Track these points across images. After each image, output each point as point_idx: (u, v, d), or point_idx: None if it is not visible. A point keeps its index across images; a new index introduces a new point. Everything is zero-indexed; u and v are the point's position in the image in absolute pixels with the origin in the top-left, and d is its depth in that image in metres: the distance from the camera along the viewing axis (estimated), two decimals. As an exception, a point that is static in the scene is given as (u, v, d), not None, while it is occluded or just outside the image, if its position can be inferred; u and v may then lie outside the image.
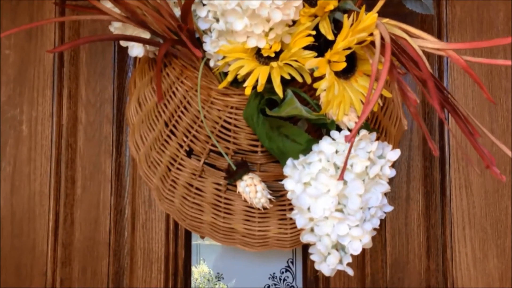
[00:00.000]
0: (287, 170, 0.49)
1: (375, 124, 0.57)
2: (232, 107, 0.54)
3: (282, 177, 0.51)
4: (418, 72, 0.40)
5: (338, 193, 0.44)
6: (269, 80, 0.48)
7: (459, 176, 0.69)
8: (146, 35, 0.53)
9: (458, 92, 0.68)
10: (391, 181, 0.48)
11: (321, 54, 0.50)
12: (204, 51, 0.52)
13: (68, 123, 0.75)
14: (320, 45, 0.50)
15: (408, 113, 0.65)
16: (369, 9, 0.48)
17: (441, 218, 0.70)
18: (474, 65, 0.65)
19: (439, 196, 0.71)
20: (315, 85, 0.45)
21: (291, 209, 0.53)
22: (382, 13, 0.46)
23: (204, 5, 0.50)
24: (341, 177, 0.37)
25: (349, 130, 0.48)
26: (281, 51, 0.49)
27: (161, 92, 0.49)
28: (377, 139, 0.57)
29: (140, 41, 0.52)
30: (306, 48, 0.48)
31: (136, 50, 0.54)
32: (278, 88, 0.48)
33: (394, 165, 0.49)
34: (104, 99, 0.75)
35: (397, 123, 0.60)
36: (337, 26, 0.49)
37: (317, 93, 0.45)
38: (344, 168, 0.37)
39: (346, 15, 0.45)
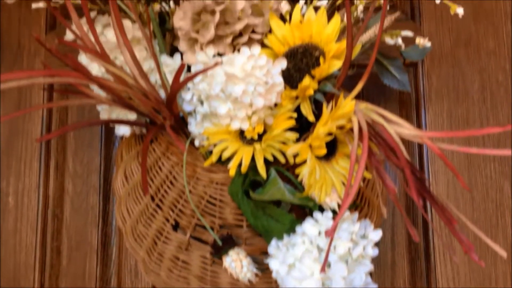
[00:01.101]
0: (271, 250, 0.50)
1: (357, 196, 0.58)
2: (217, 183, 0.54)
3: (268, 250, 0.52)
4: (395, 160, 0.41)
5: (322, 276, 0.45)
6: (253, 158, 0.49)
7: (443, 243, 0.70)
8: (133, 115, 0.54)
9: (438, 159, 0.69)
10: (376, 245, 0.49)
11: (303, 132, 0.51)
12: (189, 132, 0.53)
13: (54, 194, 0.75)
14: (303, 124, 0.51)
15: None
16: (350, 82, 0.48)
17: (426, 284, 0.70)
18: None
19: (424, 262, 0.71)
20: (297, 171, 0.46)
21: (277, 282, 0.53)
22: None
23: (188, 89, 0.51)
24: (322, 269, 0.37)
25: (332, 210, 0.49)
26: (264, 131, 0.50)
27: (146, 185, 0.49)
28: (361, 210, 0.58)
29: (126, 123, 0.53)
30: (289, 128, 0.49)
31: (122, 129, 0.55)
32: (262, 170, 0.49)
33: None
34: (91, 170, 0.75)
35: (380, 194, 0.61)
36: (318, 106, 0.51)
37: (299, 178, 0.46)
38: (326, 257, 0.38)
39: (325, 102, 0.47)
